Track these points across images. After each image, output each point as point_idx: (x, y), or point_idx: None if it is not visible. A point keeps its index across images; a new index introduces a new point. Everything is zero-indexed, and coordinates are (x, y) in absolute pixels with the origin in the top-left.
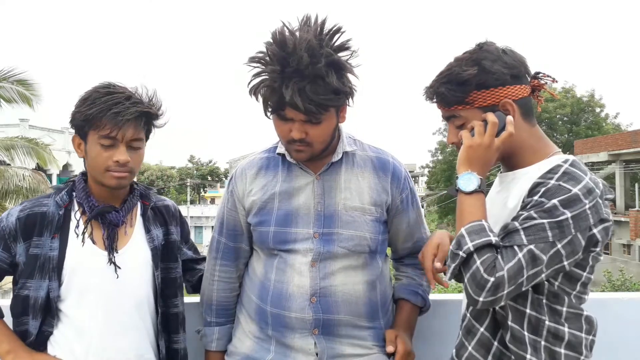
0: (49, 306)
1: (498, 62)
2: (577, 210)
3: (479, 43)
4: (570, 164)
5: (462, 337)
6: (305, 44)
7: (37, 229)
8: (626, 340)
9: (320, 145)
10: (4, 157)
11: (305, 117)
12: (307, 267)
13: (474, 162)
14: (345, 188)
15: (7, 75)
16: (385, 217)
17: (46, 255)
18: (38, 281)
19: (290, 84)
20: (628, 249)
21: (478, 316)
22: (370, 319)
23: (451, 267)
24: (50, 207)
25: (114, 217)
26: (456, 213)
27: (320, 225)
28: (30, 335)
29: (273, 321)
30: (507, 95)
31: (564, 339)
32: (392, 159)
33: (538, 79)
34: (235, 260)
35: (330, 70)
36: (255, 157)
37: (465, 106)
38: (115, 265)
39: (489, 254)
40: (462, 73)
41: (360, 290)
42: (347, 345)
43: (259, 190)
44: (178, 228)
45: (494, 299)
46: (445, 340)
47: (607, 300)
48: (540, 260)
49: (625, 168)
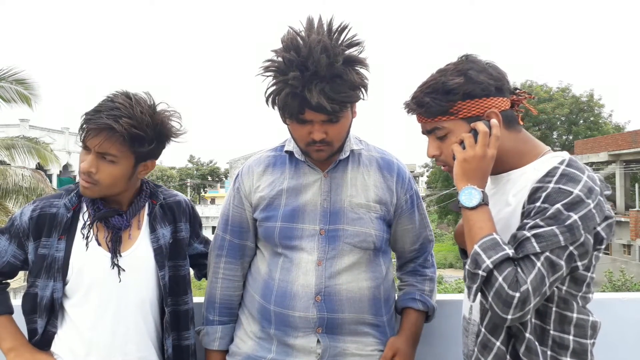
0: (53, 306)
1: (484, 73)
2: (582, 211)
3: (463, 55)
4: (566, 165)
5: (477, 353)
6: (320, 45)
7: (46, 229)
8: (626, 340)
9: (338, 143)
10: (5, 157)
11: (326, 117)
12: (314, 266)
13: (471, 175)
14: (351, 185)
15: (6, 74)
16: (390, 217)
17: (53, 255)
18: (45, 281)
19: (313, 87)
20: (628, 249)
21: (494, 330)
22: (374, 314)
23: (473, 289)
24: (60, 209)
25: (117, 222)
26: (464, 229)
27: (326, 222)
28: (37, 334)
29: (276, 320)
30: (492, 106)
31: (569, 347)
32: (396, 160)
33: (516, 95)
34: (240, 258)
35: (348, 67)
36: (262, 155)
37: (449, 117)
38: (119, 269)
39: (509, 269)
40: (448, 82)
41: (364, 288)
42: (350, 343)
43: (267, 187)
44: (188, 224)
45: (522, 314)
46: (445, 340)
47: (608, 300)
48: (559, 265)
49: (625, 168)
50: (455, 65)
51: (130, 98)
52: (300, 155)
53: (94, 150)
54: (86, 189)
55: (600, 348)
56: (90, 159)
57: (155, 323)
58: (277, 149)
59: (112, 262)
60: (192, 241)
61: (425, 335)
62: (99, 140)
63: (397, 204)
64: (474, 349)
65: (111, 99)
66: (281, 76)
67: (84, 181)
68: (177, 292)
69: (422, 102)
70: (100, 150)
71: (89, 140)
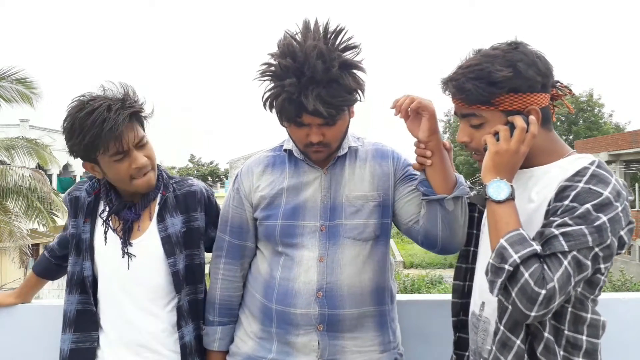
0: (84, 284)
1: (533, 67)
2: (611, 213)
3: (513, 42)
4: (597, 166)
5: (496, 352)
6: (316, 51)
7: (73, 210)
8: (626, 340)
9: (336, 144)
10: (4, 157)
11: (323, 120)
12: (315, 263)
13: (501, 168)
14: (349, 180)
15: (6, 74)
16: (389, 202)
17: (80, 236)
18: (74, 258)
19: (309, 93)
20: (628, 249)
21: (514, 328)
22: (375, 305)
23: (497, 283)
24: (82, 192)
25: (127, 214)
26: (489, 223)
27: (326, 218)
28: (70, 311)
29: (277, 319)
30: (534, 102)
31: (582, 347)
32: (391, 149)
33: (557, 89)
34: (240, 258)
35: (344, 72)
36: (261, 155)
37: (489, 107)
38: (129, 256)
39: (536, 265)
40: (495, 73)
41: (366, 280)
42: (350, 340)
43: (267, 186)
44: (203, 214)
45: (545, 311)
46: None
47: (608, 300)
48: (585, 265)
49: (625, 168)
50: (505, 54)
51: (92, 100)
52: (299, 154)
53: (134, 146)
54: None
55: (601, 348)
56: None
57: (169, 310)
58: (276, 149)
59: (122, 251)
60: (209, 230)
61: (424, 334)
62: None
63: (395, 180)
64: (492, 347)
65: (89, 111)
66: (278, 81)
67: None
68: (194, 280)
69: (463, 88)
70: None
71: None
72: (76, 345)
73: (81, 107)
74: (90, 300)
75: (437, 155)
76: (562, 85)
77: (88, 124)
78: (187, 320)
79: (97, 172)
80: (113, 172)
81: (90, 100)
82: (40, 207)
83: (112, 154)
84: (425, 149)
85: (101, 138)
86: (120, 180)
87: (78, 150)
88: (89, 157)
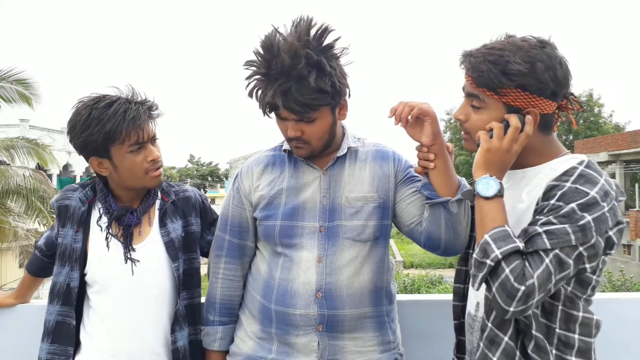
0: (68, 294)
1: (550, 71)
2: (596, 213)
3: (543, 41)
4: (585, 166)
5: (484, 348)
6: (288, 46)
7: (61, 219)
8: (626, 340)
9: (318, 142)
10: (4, 158)
11: (297, 116)
12: (314, 263)
13: (492, 166)
14: (348, 181)
15: (6, 75)
16: (389, 202)
17: (69, 245)
18: (58, 267)
19: (274, 86)
20: (628, 249)
21: (501, 325)
22: (374, 305)
23: (478, 277)
24: (72, 201)
25: (128, 219)
26: (476, 218)
27: (325, 219)
28: (48, 322)
29: (277, 319)
30: (538, 106)
31: (575, 346)
32: (392, 150)
33: (568, 100)
34: (240, 258)
35: (312, 70)
36: (261, 155)
37: (493, 95)
38: (132, 261)
39: (517, 262)
40: (512, 64)
41: (365, 281)
42: (349, 340)
43: (266, 186)
44: (198, 219)
45: (524, 307)
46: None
47: (607, 300)
48: (567, 264)
49: (625, 168)
50: (529, 49)
51: (107, 95)
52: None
53: (150, 140)
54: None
55: (600, 348)
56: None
57: (169, 315)
58: (276, 148)
59: (125, 257)
60: (205, 234)
61: (424, 334)
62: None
63: (397, 182)
64: (479, 343)
65: (109, 103)
66: (253, 72)
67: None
68: (192, 285)
69: (477, 67)
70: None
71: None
72: (52, 356)
73: (98, 100)
74: (71, 313)
75: (441, 158)
76: (574, 98)
77: (109, 113)
78: (182, 325)
79: (104, 168)
80: (127, 165)
81: (105, 95)
82: (41, 207)
83: (132, 143)
84: (428, 152)
85: (123, 127)
86: (132, 175)
87: (95, 141)
88: (102, 150)
